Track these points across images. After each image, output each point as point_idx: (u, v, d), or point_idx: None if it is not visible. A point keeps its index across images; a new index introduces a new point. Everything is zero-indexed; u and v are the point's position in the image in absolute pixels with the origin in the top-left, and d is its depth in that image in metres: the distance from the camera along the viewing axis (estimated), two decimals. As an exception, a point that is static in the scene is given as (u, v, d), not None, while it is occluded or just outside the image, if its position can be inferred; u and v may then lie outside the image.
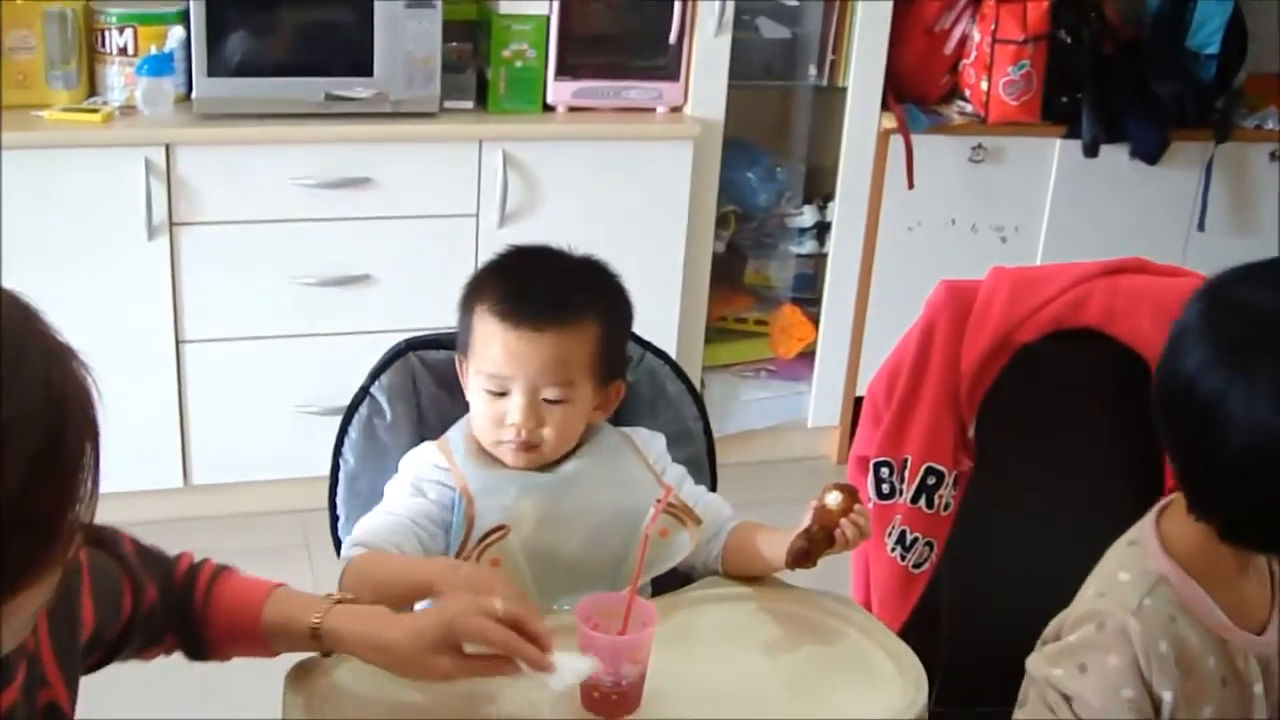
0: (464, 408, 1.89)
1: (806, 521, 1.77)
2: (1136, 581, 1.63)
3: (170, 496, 3.58)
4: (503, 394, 1.82)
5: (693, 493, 1.91)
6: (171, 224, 3.42)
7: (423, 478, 1.84)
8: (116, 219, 3.37)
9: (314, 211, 3.53)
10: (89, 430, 1.07)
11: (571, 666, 1.54)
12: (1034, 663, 1.70)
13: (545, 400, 1.82)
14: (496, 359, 1.81)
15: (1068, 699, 1.63)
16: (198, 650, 1.60)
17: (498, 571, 1.74)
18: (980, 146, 4.07)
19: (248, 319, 3.57)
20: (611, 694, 1.59)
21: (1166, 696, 1.59)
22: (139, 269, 3.41)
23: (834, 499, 1.76)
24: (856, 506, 1.77)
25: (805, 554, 1.77)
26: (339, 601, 1.58)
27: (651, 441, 1.95)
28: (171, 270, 3.46)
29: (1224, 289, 1.64)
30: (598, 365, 1.85)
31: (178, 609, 1.57)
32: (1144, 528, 1.70)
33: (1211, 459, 1.57)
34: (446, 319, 2.05)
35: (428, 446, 1.88)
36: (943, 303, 2.17)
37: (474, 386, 1.86)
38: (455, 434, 1.89)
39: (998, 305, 2.15)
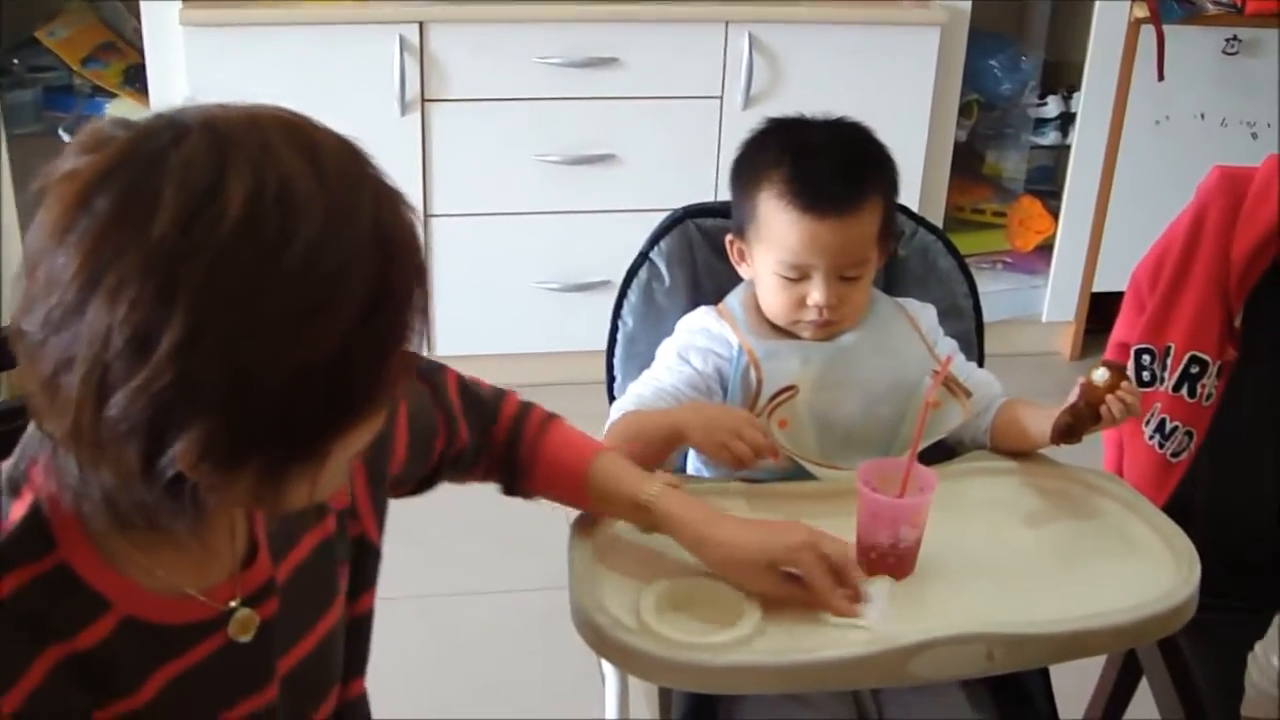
0: (738, 275, 1.92)
1: (1073, 397, 1.77)
2: None
3: (414, 364, 3.68)
4: (801, 278, 1.83)
5: (963, 367, 1.92)
6: (424, 100, 3.50)
7: (691, 345, 1.87)
8: (371, 95, 3.46)
9: (560, 90, 3.57)
10: (417, 272, 1.10)
11: (875, 607, 1.57)
12: None
13: (842, 278, 1.83)
14: (796, 248, 1.81)
15: None
16: (515, 488, 1.66)
17: (738, 410, 1.78)
18: (1235, 38, 3.94)
19: (493, 195, 3.65)
20: (889, 556, 1.62)
21: None
22: (392, 144, 3.47)
23: (1101, 375, 1.75)
24: (1124, 384, 1.75)
25: (1071, 430, 1.78)
26: (672, 485, 1.62)
27: (923, 312, 1.97)
28: (422, 146, 3.54)
29: None
30: (884, 236, 1.87)
31: (502, 448, 1.63)
32: None
33: None
34: (690, 199, 2.08)
35: (706, 312, 1.91)
36: (1216, 189, 2.13)
37: (765, 268, 1.85)
38: (734, 301, 1.92)
39: (1274, 194, 2.10)
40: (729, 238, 1.92)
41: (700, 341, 1.87)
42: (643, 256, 1.98)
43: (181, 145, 1.02)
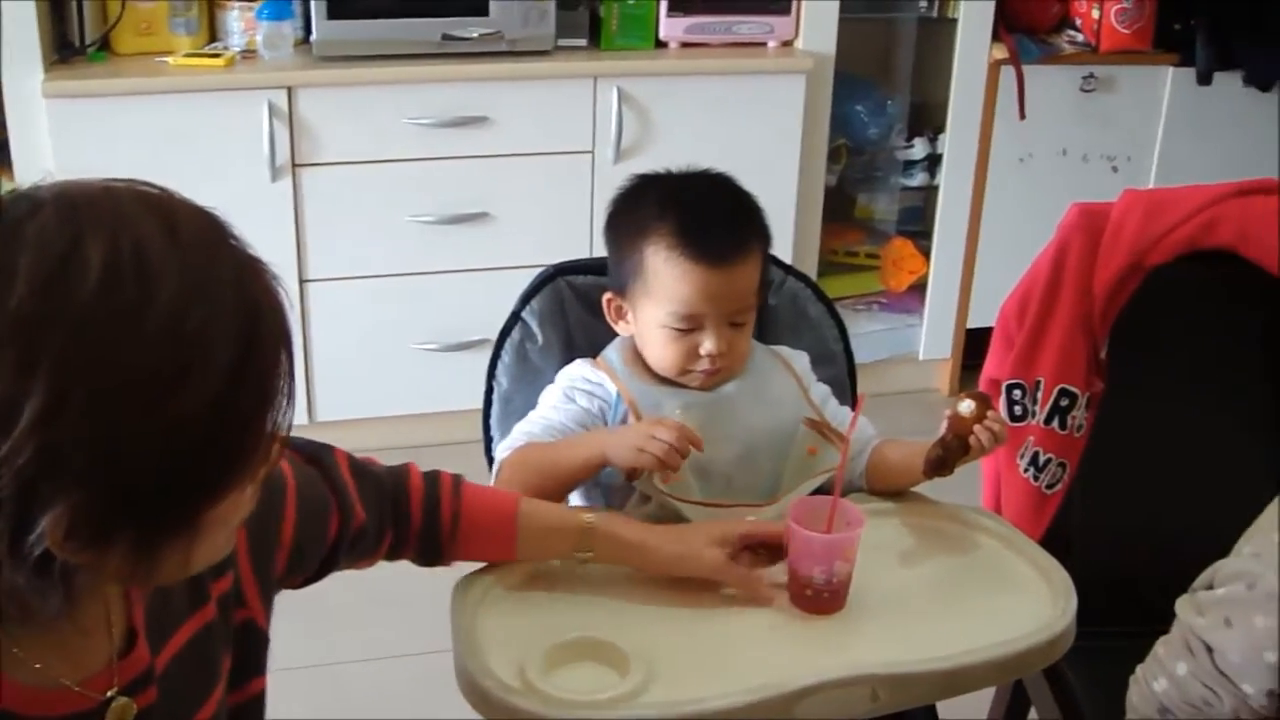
0: (613, 330, 1.93)
1: (942, 431, 1.80)
2: None
3: (295, 433, 3.64)
4: (692, 329, 1.83)
5: (836, 412, 1.95)
6: (294, 165, 3.49)
7: (576, 387, 1.88)
8: (241, 162, 3.44)
9: (432, 150, 3.58)
10: (283, 337, 1.09)
11: None
12: (1182, 606, 1.71)
13: (730, 325, 1.85)
14: (689, 298, 1.81)
15: (1209, 649, 1.65)
16: (434, 557, 1.66)
17: (657, 420, 1.79)
18: (1092, 76, 4.04)
19: (369, 258, 3.64)
20: (824, 591, 1.66)
21: None
22: (263, 210, 3.47)
23: (967, 407, 1.79)
24: (990, 413, 1.79)
25: (942, 462, 1.81)
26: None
27: (797, 359, 1.99)
28: (294, 211, 3.53)
29: None
30: (763, 283, 1.90)
31: (418, 520, 1.62)
32: None
33: None
34: (563, 254, 2.09)
35: (583, 363, 1.92)
36: (1075, 225, 2.18)
37: (653, 322, 1.85)
38: (611, 353, 1.92)
39: (1130, 227, 2.15)
40: (607, 296, 1.92)
41: (585, 385, 1.88)
42: (514, 316, 1.98)
43: (37, 217, 1.01)
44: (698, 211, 1.84)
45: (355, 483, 1.56)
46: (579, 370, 1.90)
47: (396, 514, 1.61)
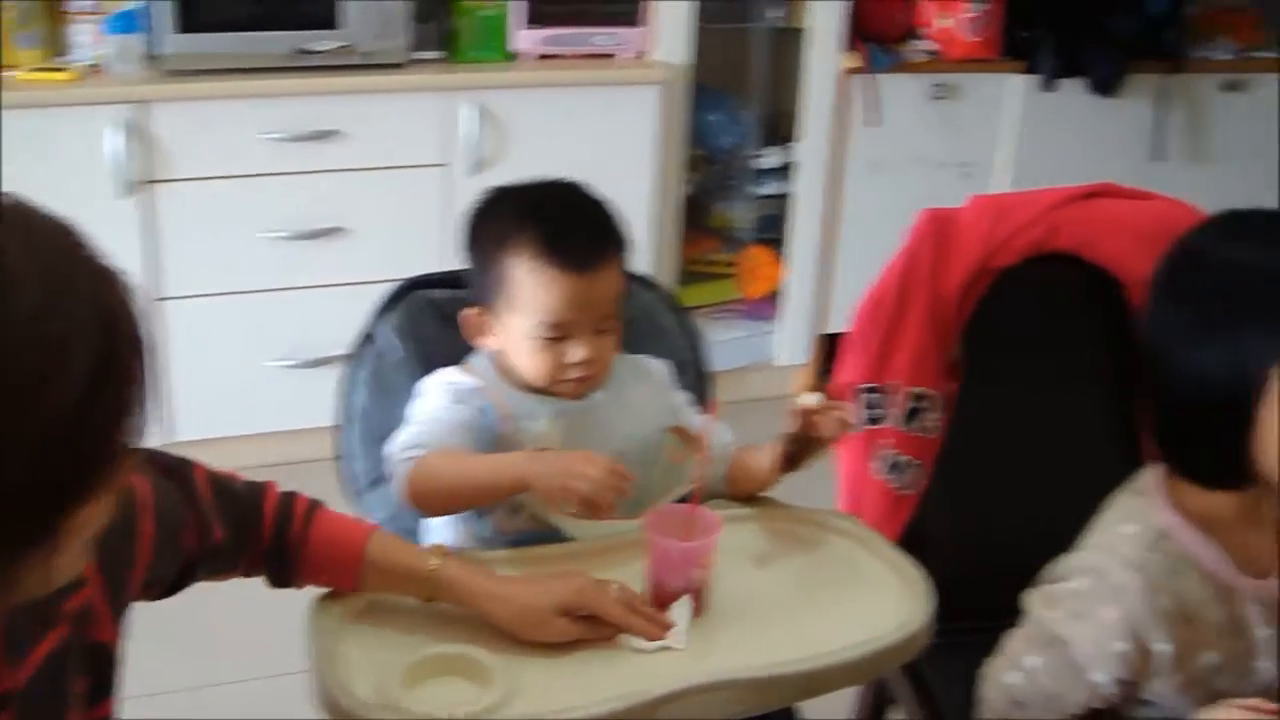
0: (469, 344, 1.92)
1: (790, 427, 1.82)
2: (1140, 535, 1.66)
3: (153, 452, 3.59)
4: (561, 337, 1.84)
5: (696, 420, 1.96)
6: (144, 181, 3.44)
7: (452, 392, 1.86)
8: (89, 178, 3.38)
9: (285, 165, 3.55)
10: (139, 347, 1.08)
11: (680, 627, 1.66)
12: (1031, 599, 1.75)
13: (597, 332, 1.85)
14: (557, 307, 1.81)
15: (1060, 641, 1.68)
16: (283, 579, 1.65)
17: (579, 452, 1.75)
18: (941, 83, 4.12)
19: (224, 274, 3.60)
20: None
21: (1162, 649, 1.63)
22: (113, 227, 3.38)
23: (811, 399, 1.81)
24: (835, 402, 1.82)
25: (795, 456, 1.85)
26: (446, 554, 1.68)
27: (658, 368, 2.00)
28: (147, 228, 3.47)
29: (1201, 244, 1.70)
30: (624, 288, 1.91)
31: (268, 540, 1.61)
32: (1151, 479, 1.73)
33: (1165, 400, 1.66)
34: (419, 268, 2.08)
35: (452, 370, 1.90)
36: (925, 230, 2.21)
37: (521, 334, 1.85)
38: (481, 362, 1.91)
39: (978, 232, 2.20)
40: (466, 312, 1.91)
41: (459, 392, 1.86)
42: (369, 331, 1.97)
43: None
44: (559, 220, 1.85)
45: (214, 498, 1.55)
46: (449, 376, 1.89)
47: (250, 533, 1.60)
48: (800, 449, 1.82)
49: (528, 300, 1.82)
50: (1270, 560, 1.71)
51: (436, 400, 1.86)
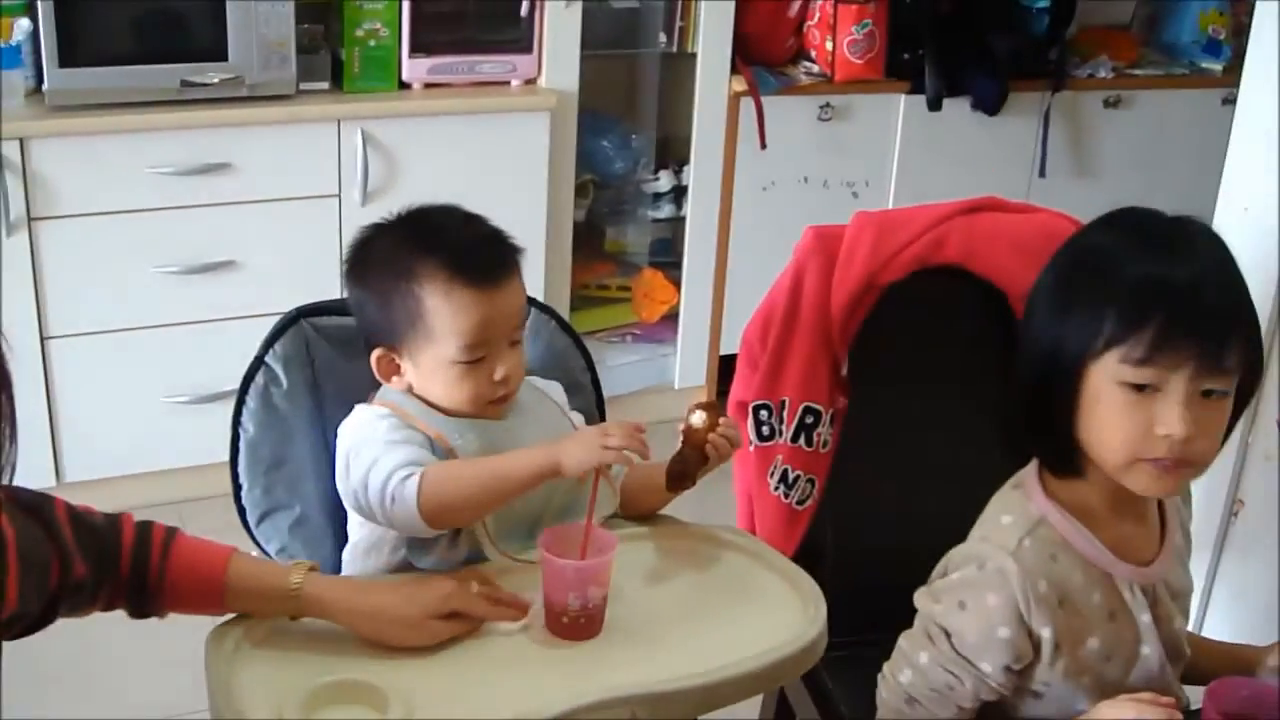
0: (360, 370, 1.90)
1: (679, 445, 1.84)
2: (1017, 524, 1.72)
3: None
4: (481, 358, 1.82)
5: None
6: (30, 219, 3.38)
7: (390, 415, 1.82)
8: (-29, 217, 3.33)
9: (175, 199, 3.51)
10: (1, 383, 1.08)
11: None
12: (920, 597, 1.78)
13: (511, 344, 1.85)
14: (476, 327, 1.80)
15: (948, 634, 1.72)
16: (144, 609, 1.63)
17: (592, 427, 1.81)
18: (828, 105, 4.17)
19: (114, 311, 3.55)
20: (580, 617, 1.68)
21: (1046, 634, 1.67)
22: (-1, 266, 3.37)
23: (698, 418, 1.83)
24: (722, 419, 1.83)
25: (682, 475, 1.85)
26: (310, 568, 1.68)
27: (555, 389, 2.00)
28: (33, 266, 3.42)
29: (1072, 239, 1.77)
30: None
31: (127, 572, 1.60)
32: (1028, 472, 1.79)
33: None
34: (315, 298, 2.06)
35: (367, 407, 1.86)
36: (811, 248, 2.24)
37: (440, 363, 1.82)
38: (392, 395, 1.87)
39: (863, 248, 2.22)
40: (376, 354, 1.87)
41: (394, 422, 1.82)
42: (258, 361, 1.95)
43: None
44: (459, 241, 1.84)
45: (73, 533, 1.54)
46: (372, 411, 1.84)
47: (109, 566, 1.59)
48: (689, 466, 1.83)
49: (445, 326, 1.80)
50: (1147, 548, 1.76)
51: (379, 429, 1.81)
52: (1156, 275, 1.61)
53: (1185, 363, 1.59)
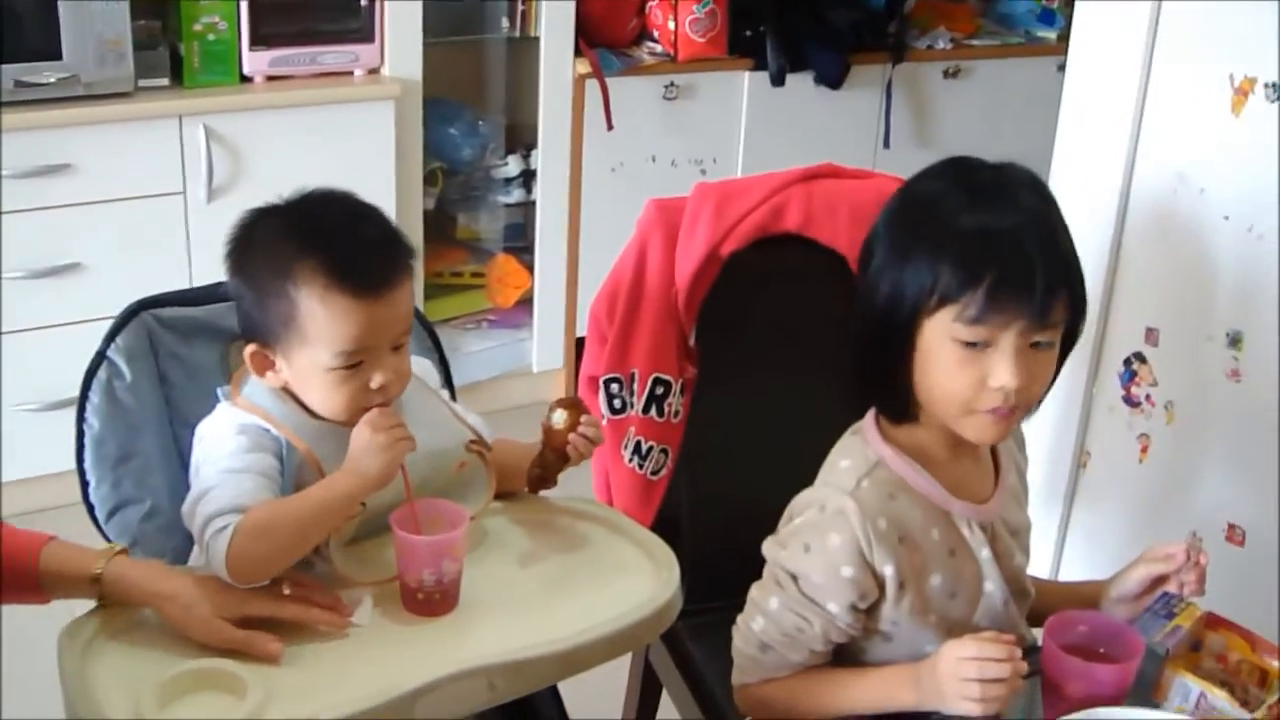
0: (207, 361, 1.90)
1: (539, 446, 1.86)
2: (855, 466, 1.77)
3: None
4: (358, 364, 1.72)
5: (473, 419, 1.94)
6: None
7: (245, 429, 1.75)
8: None
9: (13, 203, 3.44)
10: None
11: (363, 609, 1.69)
12: (768, 545, 1.83)
13: (393, 350, 1.76)
14: (356, 334, 1.69)
15: (794, 577, 1.76)
16: None
17: (363, 421, 1.69)
18: (673, 84, 4.20)
19: (-45, 320, 3.48)
20: (435, 592, 1.69)
21: (889, 571, 1.72)
22: None
23: (559, 418, 1.84)
24: (584, 417, 1.84)
25: (542, 479, 1.88)
26: (119, 552, 1.67)
27: (430, 374, 1.97)
28: None
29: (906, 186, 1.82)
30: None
31: None
32: (866, 420, 1.84)
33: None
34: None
35: (228, 408, 1.79)
36: (653, 220, 2.27)
37: (315, 367, 1.72)
38: (260, 396, 1.79)
39: (704, 219, 2.26)
40: (250, 350, 1.77)
41: (251, 433, 1.75)
42: (99, 356, 1.92)
43: None
44: (343, 243, 1.71)
45: None
46: (237, 418, 1.77)
47: None
48: (550, 469, 1.86)
49: (321, 332, 1.70)
50: (983, 487, 1.82)
51: (228, 447, 1.73)
52: (984, 229, 1.66)
53: (1015, 320, 1.64)
